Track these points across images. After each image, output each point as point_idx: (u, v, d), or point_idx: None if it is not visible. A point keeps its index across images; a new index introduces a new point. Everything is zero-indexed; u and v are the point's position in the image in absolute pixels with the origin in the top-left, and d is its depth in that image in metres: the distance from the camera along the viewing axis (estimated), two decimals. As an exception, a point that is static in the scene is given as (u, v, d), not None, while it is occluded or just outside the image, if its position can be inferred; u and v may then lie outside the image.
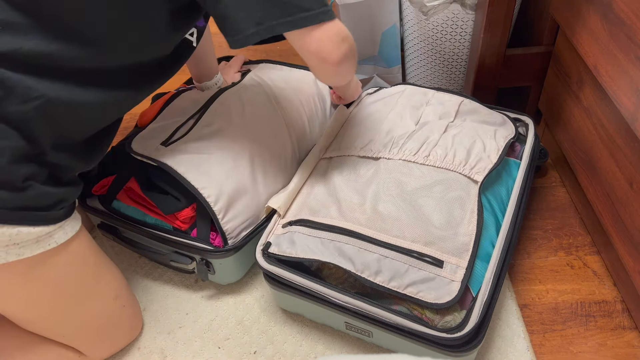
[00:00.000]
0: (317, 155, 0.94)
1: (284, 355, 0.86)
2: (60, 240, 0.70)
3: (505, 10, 0.95)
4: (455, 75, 1.17)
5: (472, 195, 0.80)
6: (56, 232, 0.70)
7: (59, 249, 0.70)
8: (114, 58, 0.68)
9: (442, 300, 0.70)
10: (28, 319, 0.77)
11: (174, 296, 0.95)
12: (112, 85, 0.70)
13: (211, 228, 0.87)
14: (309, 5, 0.65)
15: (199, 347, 0.88)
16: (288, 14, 0.65)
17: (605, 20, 0.78)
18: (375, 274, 0.73)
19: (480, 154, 0.84)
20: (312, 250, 0.77)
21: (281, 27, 0.65)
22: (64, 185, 0.71)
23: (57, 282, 0.73)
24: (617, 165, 0.82)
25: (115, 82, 0.70)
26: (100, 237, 1.05)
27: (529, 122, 0.96)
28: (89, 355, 0.84)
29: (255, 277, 0.96)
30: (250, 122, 0.93)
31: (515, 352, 0.83)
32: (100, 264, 0.80)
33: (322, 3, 0.67)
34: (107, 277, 0.81)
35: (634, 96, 0.73)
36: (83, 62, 0.65)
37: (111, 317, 0.83)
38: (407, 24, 1.16)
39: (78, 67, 0.65)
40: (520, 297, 0.90)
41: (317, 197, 0.85)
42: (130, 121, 1.32)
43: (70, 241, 0.72)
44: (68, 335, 0.80)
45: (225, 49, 1.38)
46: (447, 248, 0.74)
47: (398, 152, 0.86)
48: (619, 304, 0.88)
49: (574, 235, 0.98)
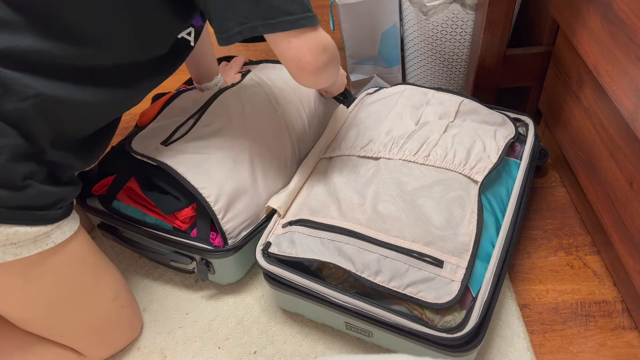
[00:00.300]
0: (317, 155, 0.95)
1: (284, 355, 0.86)
2: (58, 240, 0.70)
3: (505, 10, 0.95)
4: (455, 75, 1.17)
5: (472, 195, 0.80)
6: (54, 232, 0.69)
7: (57, 248, 0.70)
8: (112, 57, 0.68)
9: (442, 300, 0.70)
10: (27, 319, 0.76)
11: (174, 296, 0.95)
12: (109, 84, 0.70)
13: (211, 228, 0.87)
14: (293, 9, 0.66)
15: (199, 347, 0.88)
16: (271, 16, 0.65)
17: (605, 20, 0.78)
18: (375, 273, 0.73)
19: (480, 154, 0.84)
20: (312, 250, 0.77)
21: (264, 28, 0.66)
22: (63, 185, 0.71)
23: (55, 282, 0.73)
24: (617, 165, 0.82)
25: (112, 81, 0.70)
26: (100, 237, 1.05)
27: (529, 122, 0.96)
28: (88, 355, 0.84)
29: (255, 277, 0.96)
30: (250, 122, 0.93)
31: (515, 352, 0.83)
32: (99, 264, 0.80)
33: (306, 8, 0.67)
34: (106, 277, 0.81)
35: (634, 96, 0.73)
36: (80, 60, 0.65)
37: (110, 317, 0.83)
38: (407, 24, 1.16)
39: (75, 65, 0.65)
40: (520, 297, 0.90)
41: (317, 197, 0.85)
42: (130, 121, 1.32)
43: (68, 241, 0.72)
44: (67, 335, 0.80)
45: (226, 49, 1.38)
46: (447, 248, 0.74)
47: (398, 152, 0.86)
48: (619, 304, 0.88)
49: (574, 235, 0.98)
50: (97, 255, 0.80)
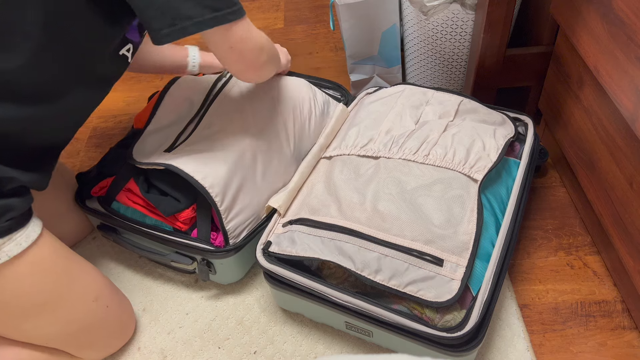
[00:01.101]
0: (317, 154, 0.95)
1: (284, 355, 0.86)
2: (13, 252, 0.68)
3: (505, 10, 0.95)
4: (455, 75, 1.17)
5: (472, 194, 0.80)
6: (5, 244, 0.67)
7: (13, 261, 0.68)
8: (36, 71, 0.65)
9: (442, 298, 0.70)
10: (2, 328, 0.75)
11: (174, 296, 0.95)
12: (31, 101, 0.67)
13: (211, 228, 0.87)
14: (219, 5, 0.67)
15: (199, 347, 0.88)
16: (200, 14, 0.66)
17: (605, 20, 0.78)
18: (376, 272, 0.73)
19: (480, 153, 0.84)
20: (313, 249, 0.77)
21: (194, 27, 0.67)
22: (5, 197, 0.67)
23: (21, 293, 0.71)
24: (617, 165, 0.82)
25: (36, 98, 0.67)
26: (100, 238, 1.05)
27: (529, 121, 0.96)
28: (82, 357, 0.83)
29: (256, 277, 0.96)
30: (251, 122, 0.93)
31: (515, 352, 0.83)
32: (72, 269, 0.77)
33: (232, 3, 0.68)
34: (82, 280, 0.79)
35: (634, 96, 0.73)
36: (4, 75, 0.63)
37: (95, 319, 0.80)
38: (407, 24, 1.16)
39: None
40: (520, 297, 0.90)
41: (317, 196, 0.85)
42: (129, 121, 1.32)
43: (26, 252, 0.69)
44: (51, 341, 0.79)
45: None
46: (447, 247, 0.74)
47: (398, 151, 0.86)
48: (619, 304, 0.88)
49: (574, 235, 0.98)
50: (68, 259, 0.77)
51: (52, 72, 0.67)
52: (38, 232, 0.72)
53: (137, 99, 1.39)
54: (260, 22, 1.60)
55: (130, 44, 0.78)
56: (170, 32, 0.66)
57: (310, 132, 1.00)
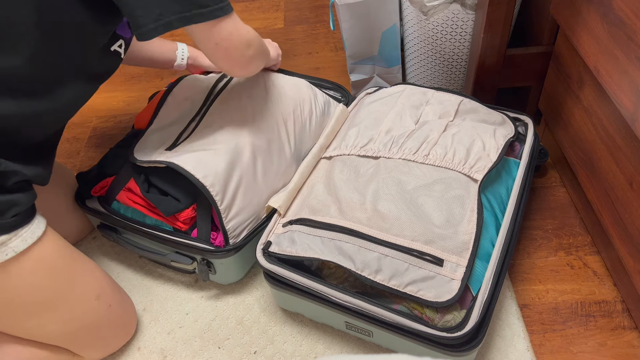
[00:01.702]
0: (317, 154, 0.95)
1: (284, 355, 0.86)
2: (19, 248, 0.68)
3: (505, 10, 0.95)
4: (455, 75, 1.17)
5: (472, 194, 0.80)
6: (12, 240, 0.67)
7: (19, 257, 0.68)
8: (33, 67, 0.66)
9: (442, 298, 0.70)
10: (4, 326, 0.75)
11: (174, 296, 0.95)
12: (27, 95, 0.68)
13: (211, 228, 0.87)
14: (205, 2, 0.68)
15: (199, 347, 0.88)
16: (186, 9, 0.67)
17: (605, 20, 0.78)
18: (376, 272, 0.73)
19: (480, 153, 0.84)
20: (313, 249, 0.77)
21: (179, 22, 0.67)
22: (10, 192, 0.68)
23: (24, 290, 0.71)
24: (617, 165, 0.82)
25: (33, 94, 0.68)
26: (100, 238, 1.05)
27: (528, 121, 0.96)
28: (83, 355, 0.83)
29: (256, 277, 0.96)
30: (251, 122, 0.93)
31: (515, 352, 0.83)
32: (74, 267, 0.78)
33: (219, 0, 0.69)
34: (84, 278, 0.79)
35: (634, 96, 0.73)
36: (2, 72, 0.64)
37: (96, 317, 0.80)
38: (407, 24, 1.16)
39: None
40: (520, 297, 0.90)
41: (318, 196, 0.85)
42: (129, 121, 1.32)
43: (31, 248, 0.70)
44: (53, 338, 0.79)
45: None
46: (447, 246, 0.74)
47: (398, 151, 0.86)
48: (619, 304, 0.88)
49: (574, 235, 0.98)
50: (71, 258, 0.77)
51: (48, 68, 0.68)
52: (42, 229, 0.72)
53: (137, 99, 1.39)
54: (260, 22, 1.61)
55: (122, 40, 0.78)
56: (156, 26, 0.67)
57: (310, 132, 1.00)
